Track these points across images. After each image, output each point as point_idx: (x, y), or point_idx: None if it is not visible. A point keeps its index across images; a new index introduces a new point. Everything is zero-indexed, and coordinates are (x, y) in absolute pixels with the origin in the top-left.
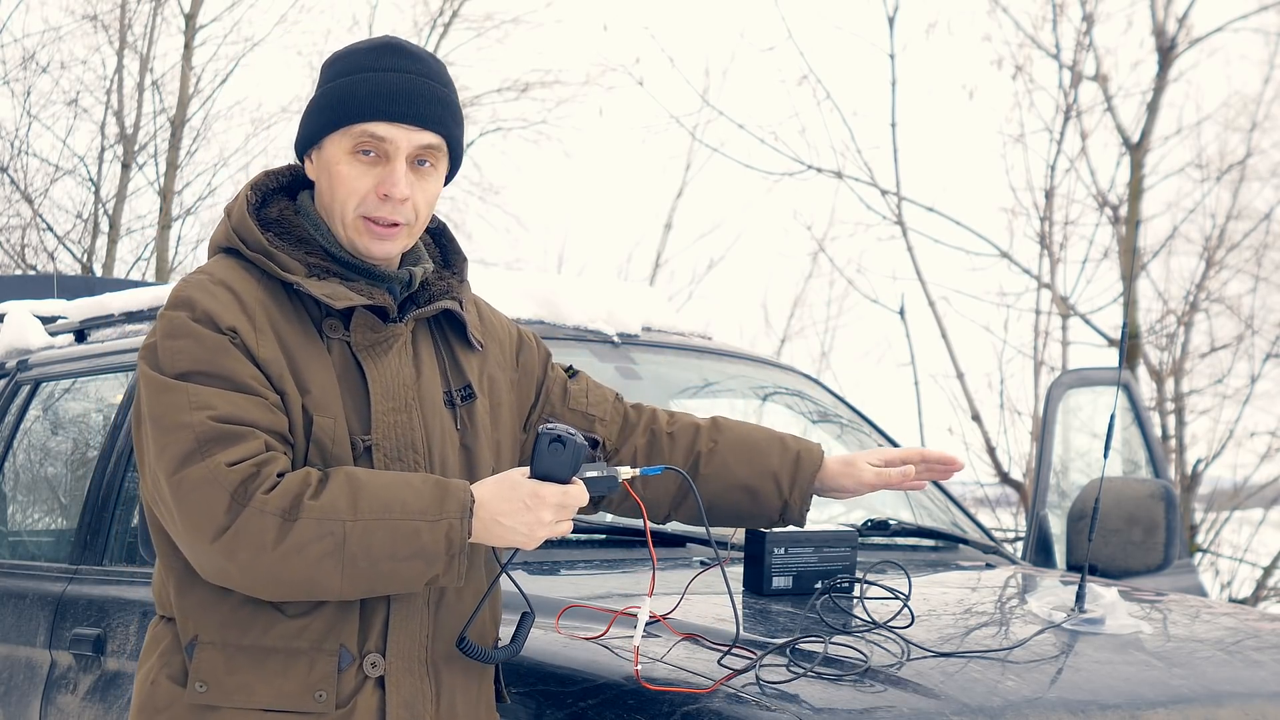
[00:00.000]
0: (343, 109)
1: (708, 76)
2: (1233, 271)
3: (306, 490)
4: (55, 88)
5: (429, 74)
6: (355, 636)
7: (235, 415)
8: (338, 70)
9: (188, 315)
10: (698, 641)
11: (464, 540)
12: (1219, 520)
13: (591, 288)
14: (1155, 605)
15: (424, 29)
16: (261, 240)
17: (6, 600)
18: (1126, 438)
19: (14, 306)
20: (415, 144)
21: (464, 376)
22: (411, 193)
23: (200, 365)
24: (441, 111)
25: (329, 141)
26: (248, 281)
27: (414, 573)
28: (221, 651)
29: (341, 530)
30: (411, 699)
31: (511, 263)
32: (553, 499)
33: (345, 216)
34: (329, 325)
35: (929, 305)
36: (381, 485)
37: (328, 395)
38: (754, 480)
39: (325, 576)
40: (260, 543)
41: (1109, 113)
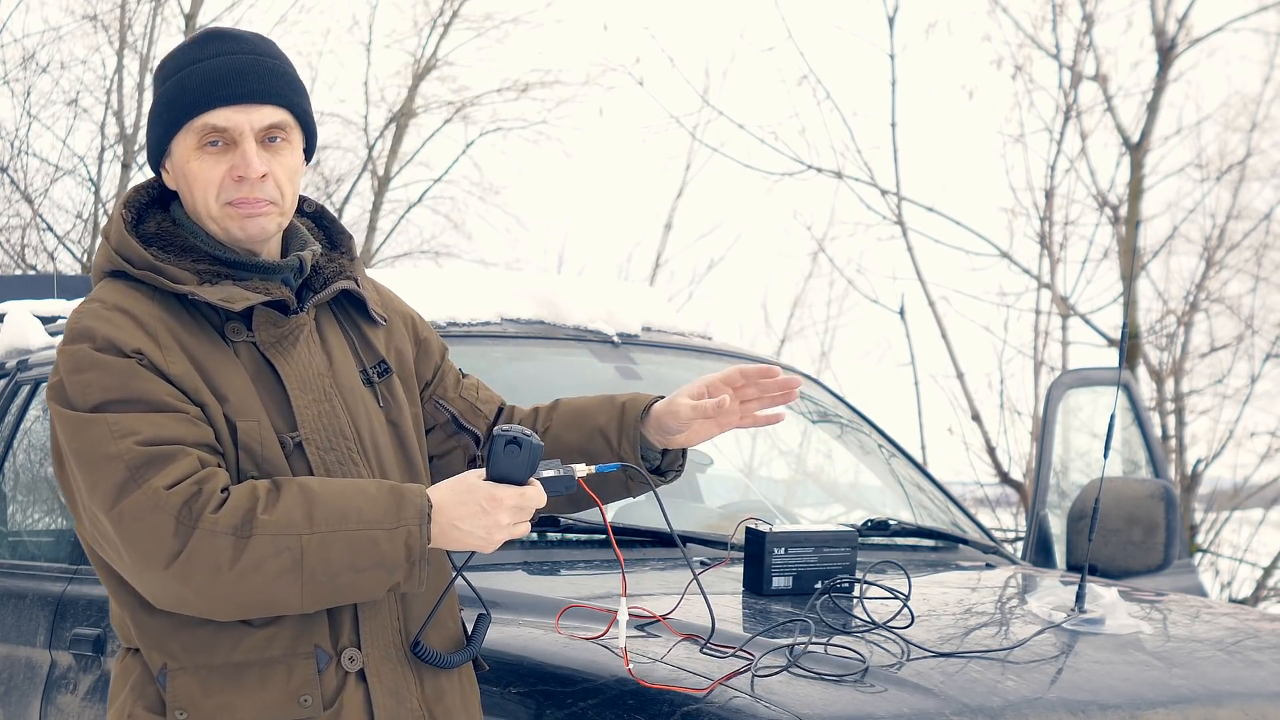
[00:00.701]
0: (177, 108)
1: (708, 76)
2: (1233, 271)
3: (257, 504)
4: (55, 88)
5: (255, 50)
6: (328, 635)
7: (161, 435)
8: (166, 73)
9: (89, 346)
10: (694, 641)
11: (424, 547)
12: (1219, 520)
13: (591, 288)
14: (1155, 605)
15: (424, 29)
16: (146, 256)
17: (6, 600)
18: (1126, 438)
19: (14, 306)
20: (258, 124)
21: (376, 353)
22: (269, 168)
23: (112, 393)
24: (277, 83)
25: (175, 145)
26: (141, 301)
27: (375, 583)
28: (194, 675)
29: (298, 544)
30: (395, 686)
31: (511, 263)
32: (510, 501)
33: (210, 210)
34: (231, 329)
35: (929, 305)
36: (335, 494)
37: (245, 399)
38: (584, 443)
39: (285, 592)
40: (215, 564)
41: (1109, 113)
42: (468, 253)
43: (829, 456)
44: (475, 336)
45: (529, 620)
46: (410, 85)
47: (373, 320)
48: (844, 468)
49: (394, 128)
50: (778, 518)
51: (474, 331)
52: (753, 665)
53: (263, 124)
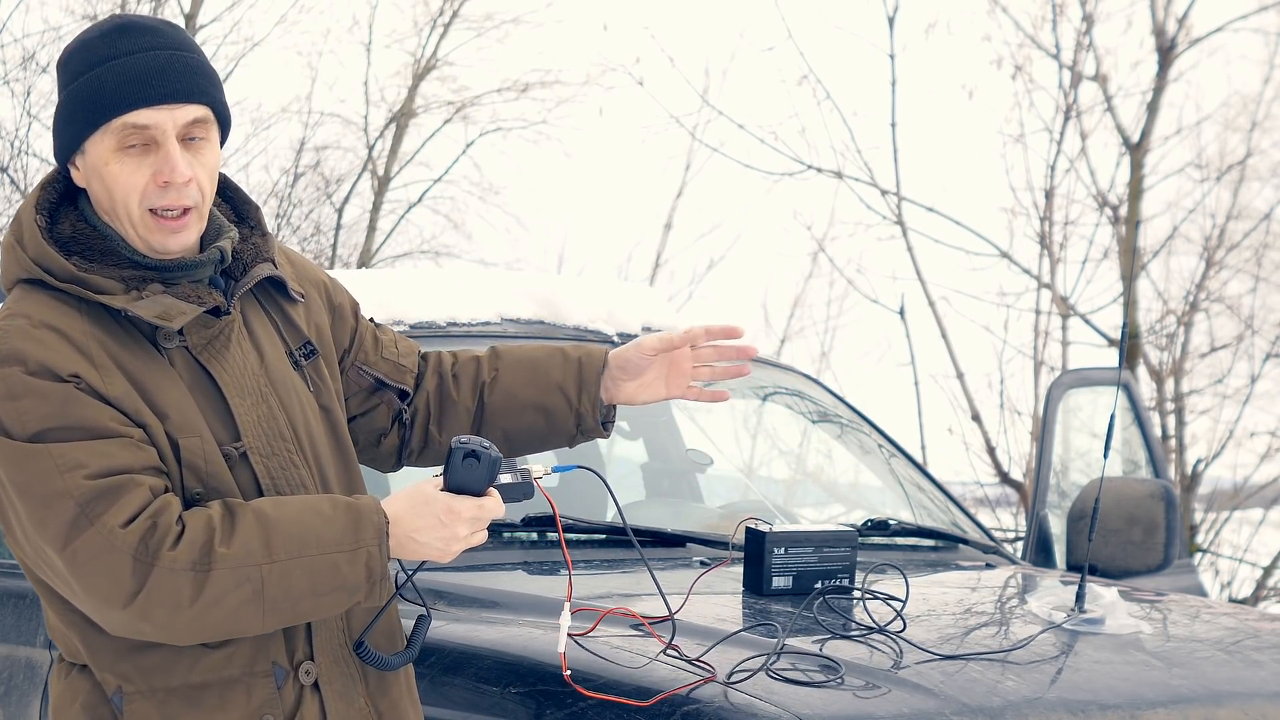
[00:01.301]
0: (95, 106)
1: (708, 76)
2: (1233, 271)
3: (214, 537)
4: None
5: (173, 44)
6: (284, 651)
7: (108, 466)
8: (77, 67)
9: (21, 370)
10: (697, 640)
11: (384, 566)
12: (1219, 520)
13: (591, 288)
14: (1155, 605)
15: (424, 29)
16: (69, 268)
17: (6, 600)
18: (1126, 438)
19: None
20: (181, 122)
21: (300, 333)
22: (193, 171)
23: (51, 421)
24: (199, 80)
25: (90, 144)
26: (69, 315)
27: (336, 603)
28: (152, 699)
29: (259, 575)
30: (345, 690)
31: (511, 263)
32: (468, 513)
33: (131, 216)
34: (163, 334)
35: (929, 305)
36: (292, 520)
37: (185, 414)
38: (542, 398)
39: (246, 621)
40: (176, 601)
41: (1109, 113)
42: (468, 253)
43: (829, 456)
44: (475, 336)
45: (529, 620)
46: (410, 85)
47: (293, 299)
48: (844, 468)
49: (394, 128)
50: (778, 518)
51: (474, 331)
52: (715, 676)
53: (185, 121)
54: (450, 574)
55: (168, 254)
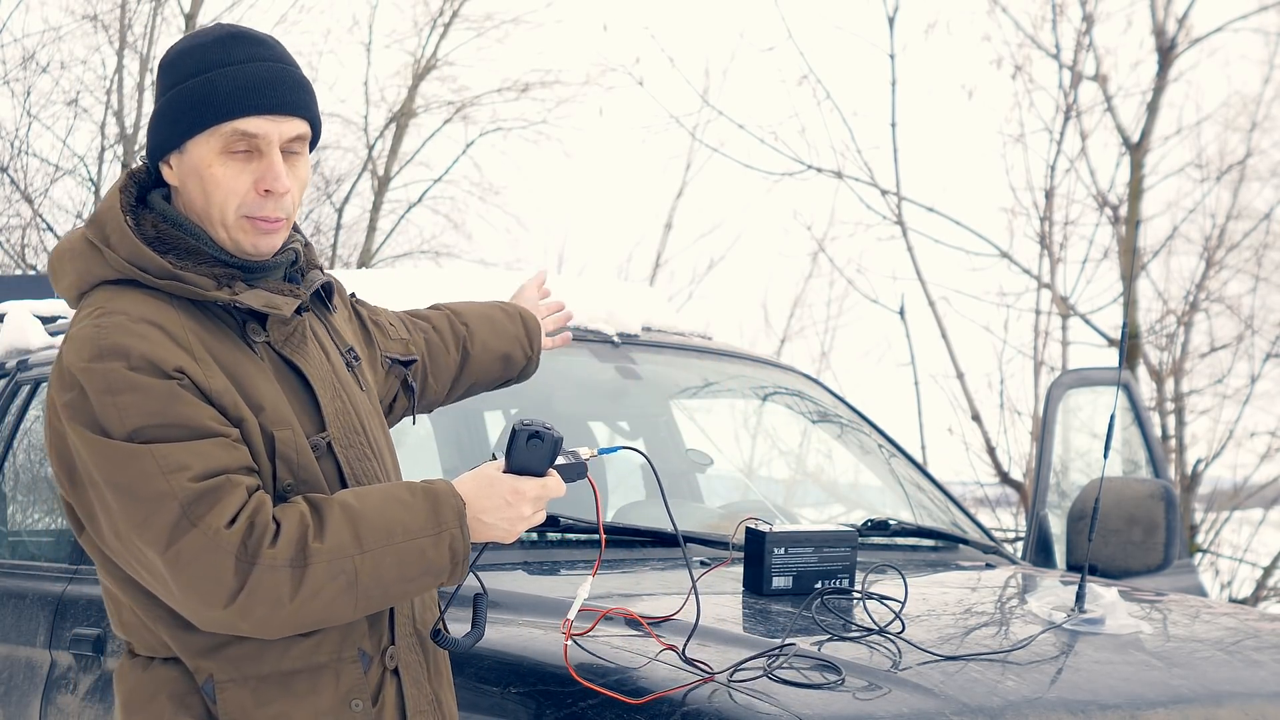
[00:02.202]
0: (206, 109)
1: (708, 76)
2: (1233, 271)
3: (308, 532)
4: (55, 88)
5: (282, 58)
6: (368, 637)
7: (210, 468)
8: (187, 69)
9: (123, 365)
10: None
11: (468, 547)
12: (1219, 520)
13: (591, 288)
14: (1155, 605)
15: (424, 29)
16: (166, 266)
17: (6, 600)
18: (1126, 438)
19: (14, 306)
20: (286, 134)
21: (344, 339)
22: (290, 184)
23: (153, 419)
24: (305, 96)
25: (194, 144)
26: (167, 312)
27: (424, 586)
28: (245, 686)
29: (352, 566)
30: (417, 675)
31: (511, 263)
32: (532, 493)
33: (226, 219)
34: (251, 330)
35: (929, 305)
36: (375, 510)
37: (279, 407)
38: (507, 348)
39: (340, 611)
40: (276, 597)
41: (1109, 113)
42: (468, 253)
43: (829, 456)
44: None
45: (529, 620)
46: (410, 85)
47: (331, 307)
48: (844, 468)
49: (394, 128)
50: (778, 518)
51: None
52: (714, 676)
53: (289, 135)
54: None
55: (257, 256)
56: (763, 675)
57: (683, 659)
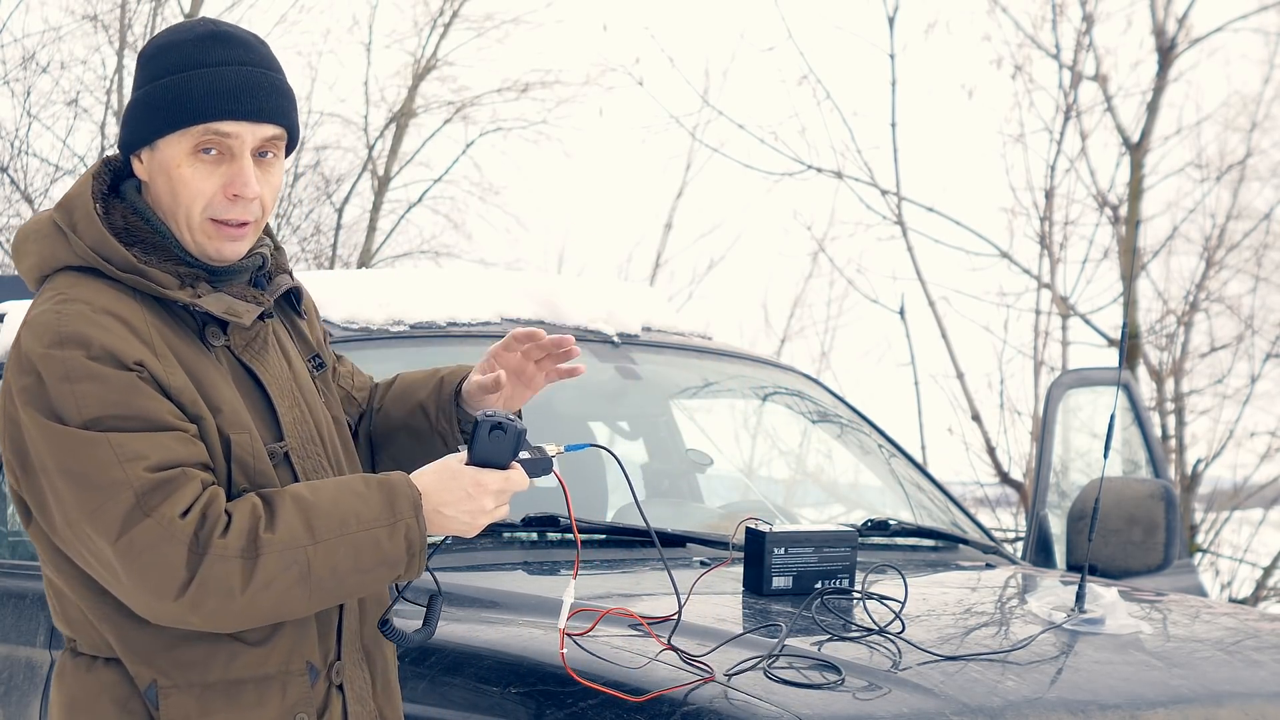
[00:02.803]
0: (180, 109)
1: (708, 76)
2: (1233, 271)
3: (259, 523)
4: (55, 88)
5: (263, 62)
6: (317, 650)
7: (166, 459)
8: (164, 65)
9: (83, 354)
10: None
11: (423, 538)
12: (1219, 520)
13: (591, 288)
14: (1155, 605)
15: (424, 29)
16: (130, 259)
17: (6, 600)
18: (1126, 438)
19: (14, 306)
20: (259, 138)
21: (310, 346)
22: (260, 189)
23: (111, 408)
24: (281, 102)
25: (165, 143)
26: (129, 305)
27: (379, 579)
28: (189, 693)
29: (305, 556)
30: (360, 691)
31: (511, 263)
32: (494, 486)
33: (191, 221)
34: (211, 333)
35: (929, 305)
36: (329, 501)
37: (236, 411)
38: (408, 418)
39: (293, 604)
40: (227, 588)
41: (1109, 113)
42: (468, 253)
43: (829, 456)
44: (475, 336)
45: (529, 620)
46: (410, 85)
47: (300, 313)
48: (844, 468)
49: (394, 128)
50: (778, 518)
51: (474, 331)
52: (714, 676)
53: (262, 137)
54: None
55: (221, 261)
56: (762, 675)
57: (680, 656)
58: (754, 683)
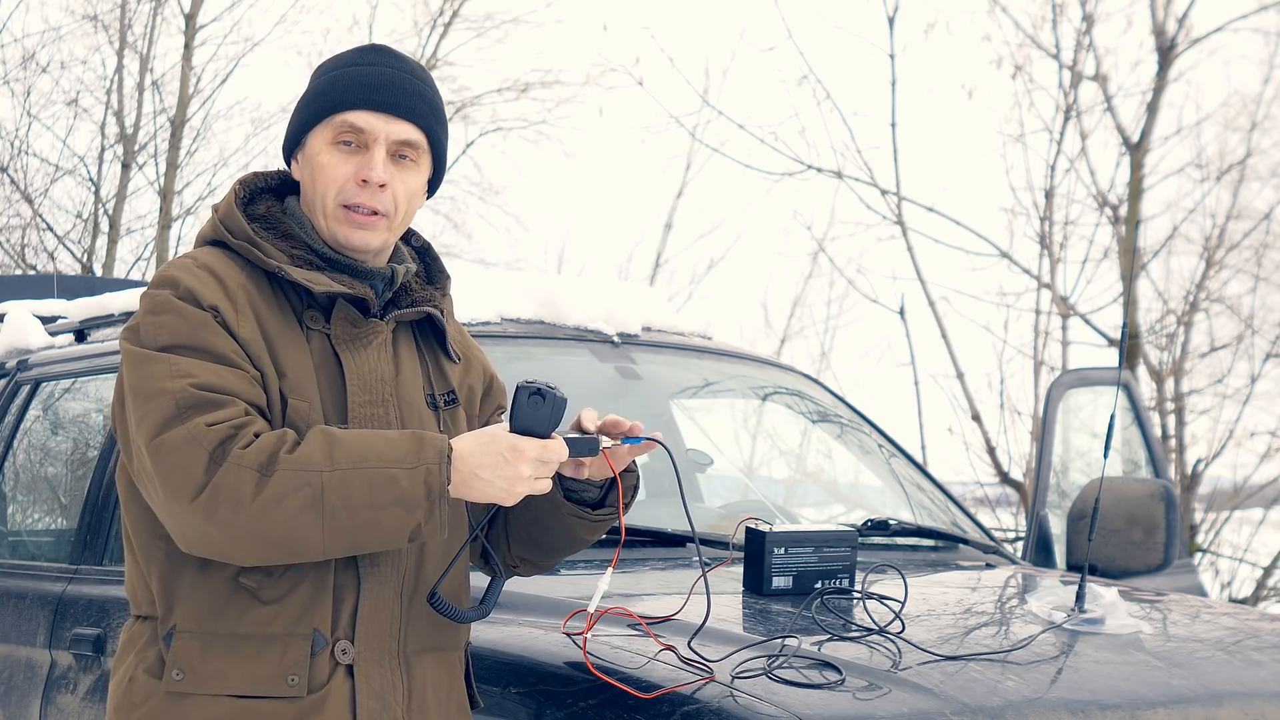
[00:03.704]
0: (322, 101)
1: (708, 76)
2: (1233, 271)
3: (283, 446)
4: (55, 88)
5: (409, 70)
6: (328, 621)
7: (216, 384)
8: (319, 72)
9: (171, 293)
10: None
11: (443, 486)
12: (1219, 520)
13: (591, 288)
14: (1155, 605)
15: (424, 29)
16: (247, 230)
17: (6, 600)
18: (1126, 438)
19: (14, 306)
20: (394, 135)
21: (447, 382)
22: (390, 181)
23: (182, 339)
24: (419, 104)
25: (311, 136)
26: (231, 268)
27: (395, 522)
28: (198, 639)
29: (319, 480)
30: (382, 690)
31: (511, 263)
32: (532, 453)
33: (326, 206)
34: (309, 317)
35: (929, 305)
36: (357, 439)
37: (303, 381)
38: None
39: (306, 530)
40: (238, 497)
41: (1109, 113)
42: (468, 253)
43: (829, 456)
44: (475, 336)
45: (529, 620)
46: None
47: (449, 354)
48: (844, 468)
49: None
50: (778, 518)
51: (474, 331)
52: (714, 676)
53: (397, 137)
54: None
55: (349, 249)
56: (763, 675)
57: (690, 656)
58: (754, 683)
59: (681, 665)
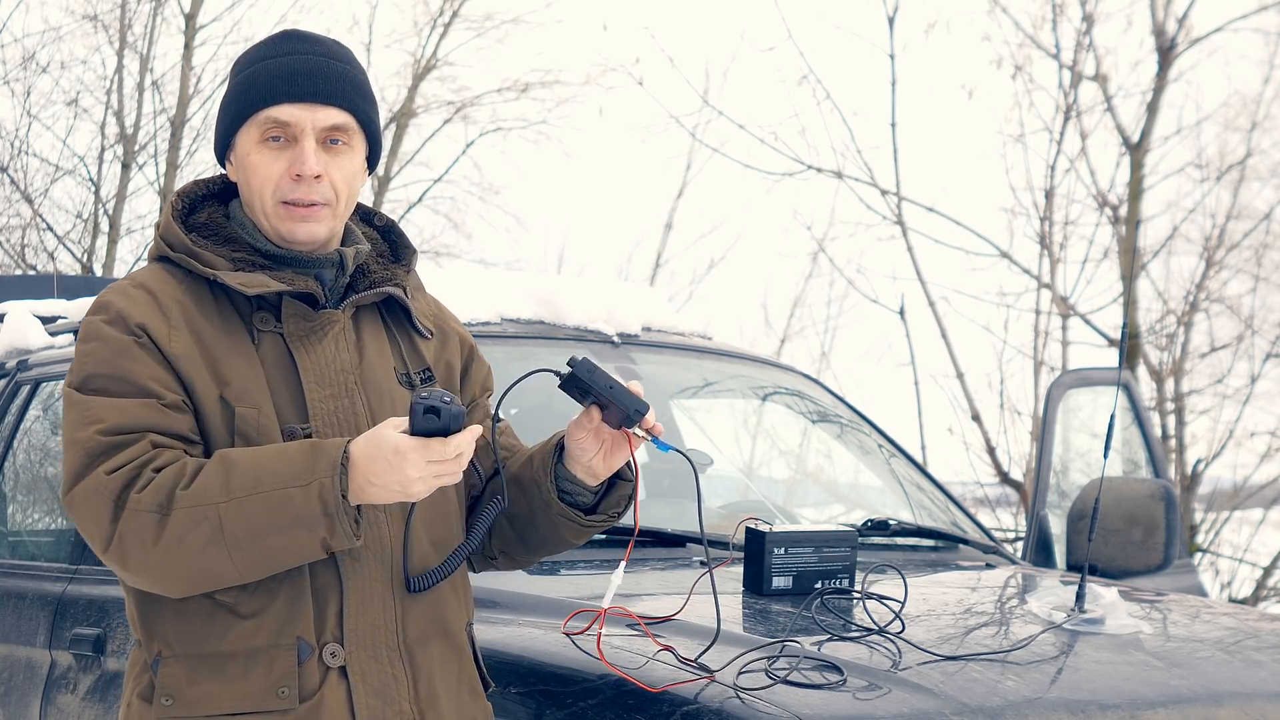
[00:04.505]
0: (243, 100)
1: (708, 76)
2: (1233, 271)
3: (180, 482)
4: (55, 88)
5: (327, 53)
6: (311, 628)
7: (124, 424)
8: (239, 68)
9: (101, 318)
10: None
11: (338, 498)
12: (1219, 520)
13: (591, 288)
14: (1155, 605)
15: (424, 29)
16: (185, 240)
17: (6, 600)
18: (1126, 438)
19: (14, 306)
20: (321, 123)
21: (422, 360)
22: (325, 170)
23: (103, 367)
24: (343, 87)
25: (239, 137)
26: (169, 283)
27: (299, 541)
28: (183, 663)
29: (216, 513)
30: (382, 686)
31: (511, 263)
32: (414, 454)
33: (265, 205)
34: (259, 319)
35: (929, 305)
36: (253, 462)
37: (250, 387)
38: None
39: (216, 563)
40: (142, 541)
41: (1109, 113)
42: (468, 253)
43: (829, 456)
44: (475, 336)
45: (529, 620)
46: (410, 85)
47: (420, 331)
48: (844, 468)
49: (394, 128)
50: (778, 518)
51: (474, 331)
52: (715, 676)
53: (325, 124)
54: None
55: (296, 243)
56: (763, 675)
57: (688, 661)
58: (754, 683)
59: (681, 665)
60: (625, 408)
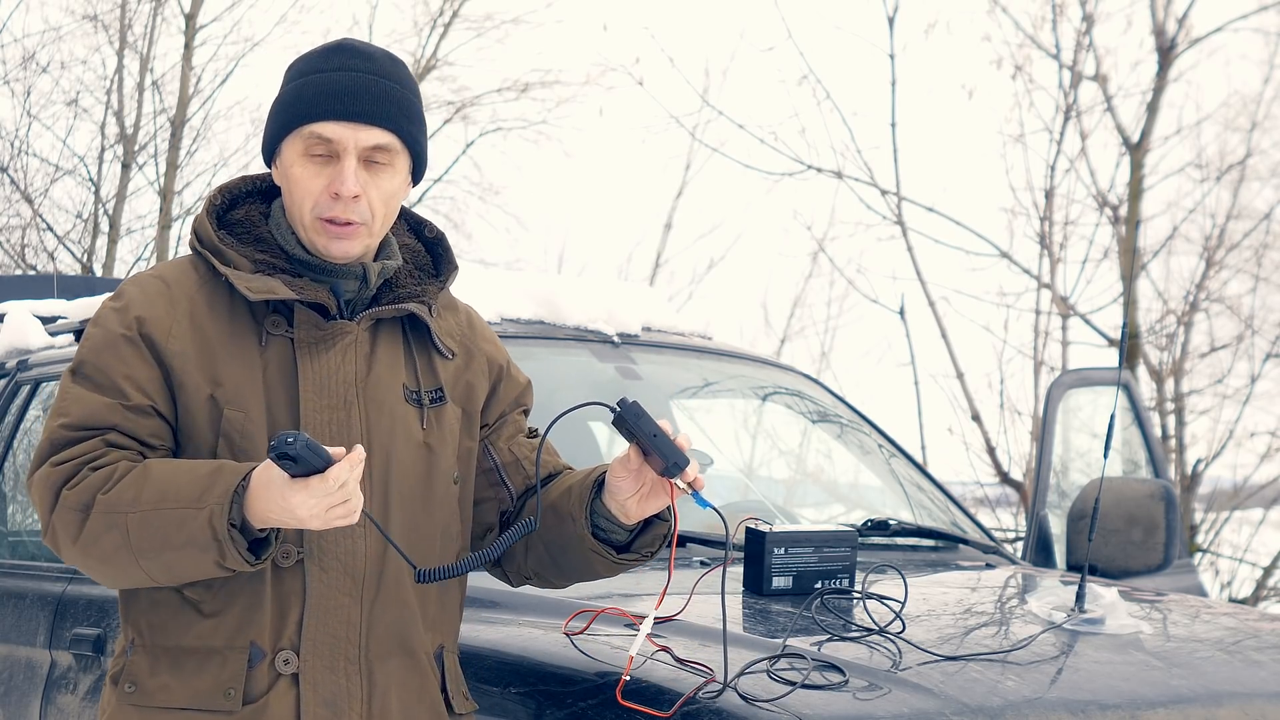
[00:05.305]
0: (291, 112)
1: (708, 76)
2: (1233, 271)
3: (105, 484)
4: (55, 88)
5: (378, 71)
6: (267, 633)
7: (84, 421)
8: (290, 75)
9: (112, 304)
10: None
11: (225, 527)
12: (1219, 520)
13: (591, 288)
14: (1155, 605)
15: (424, 29)
16: (213, 237)
17: (6, 600)
18: (1126, 438)
19: (14, 306)
20: (363, 143)
21: (436, 379)
22: (364, 190)
23: (90, 355)
24: (390, 108)
25: (284, 146)
26: (187, 276)
27: (194, 559)
28: (149, 654)
29: (124, 522)
30: (334, 697)
31: (511, 263)
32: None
33: (304, 218)
34: (270, 322)
35: (929, 305)
36: (166, 476)
37: (243, 391)
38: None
39: (127, 566)
40: (68, 536)
41: (1109, 113)
42: (468, 253)
43: (829, 456)
44: None
45: (529, 620)
46: None
47: (441, 352)
48: (844, 468)
49: None
50: (778, 518)
51: None
52: (715, 677)
53: (367, 144)
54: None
55: (330, 258)
56: (763, 676)
57: (688, 661)
58: (754, 683)
59: (681, 665)
60: (665, 459)
